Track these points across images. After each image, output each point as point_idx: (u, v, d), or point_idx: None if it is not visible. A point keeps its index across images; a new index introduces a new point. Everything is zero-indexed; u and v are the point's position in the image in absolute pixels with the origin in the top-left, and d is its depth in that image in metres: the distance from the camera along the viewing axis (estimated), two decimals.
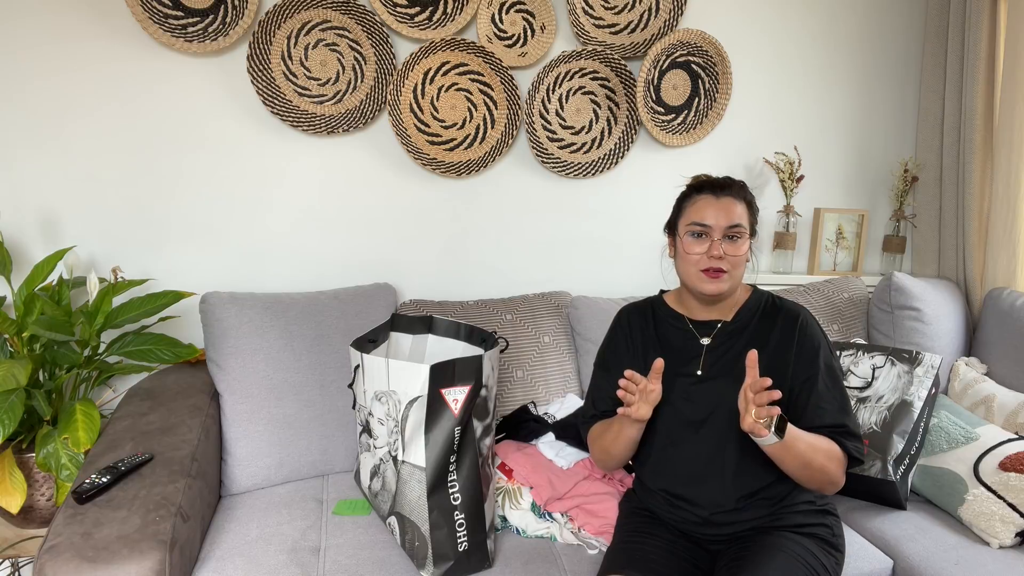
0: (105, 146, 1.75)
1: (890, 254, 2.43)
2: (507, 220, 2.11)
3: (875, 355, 1.76)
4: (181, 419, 1.50)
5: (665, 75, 2.10)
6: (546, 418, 1.73)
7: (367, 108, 1.89)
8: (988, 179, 2.13)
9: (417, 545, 1.30)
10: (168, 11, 1.68)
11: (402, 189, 2.00)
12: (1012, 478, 1.48)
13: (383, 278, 2.03)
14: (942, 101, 2.26)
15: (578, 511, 1.49)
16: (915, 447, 1.62)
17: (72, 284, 1.64)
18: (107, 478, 1.25)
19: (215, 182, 1.84)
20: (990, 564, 1.39)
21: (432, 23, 1.88)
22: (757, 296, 1.36)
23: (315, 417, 1.64)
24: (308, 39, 1.81)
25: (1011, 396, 1.77)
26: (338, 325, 1.72)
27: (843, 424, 1.24)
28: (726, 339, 1.32)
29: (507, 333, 1.87)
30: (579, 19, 1.99)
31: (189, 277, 1.86)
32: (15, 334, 1.55)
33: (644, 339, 1.39)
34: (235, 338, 1.61)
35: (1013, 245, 2.05)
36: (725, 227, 1.26)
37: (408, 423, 1.30)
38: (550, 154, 2.07)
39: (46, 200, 1.73)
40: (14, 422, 1.35)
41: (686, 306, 1.37)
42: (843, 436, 1.23)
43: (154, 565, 1.10)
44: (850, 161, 2.40)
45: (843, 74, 2.33)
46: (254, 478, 1.57)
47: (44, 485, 1.54)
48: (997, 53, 2.07)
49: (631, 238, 2.23)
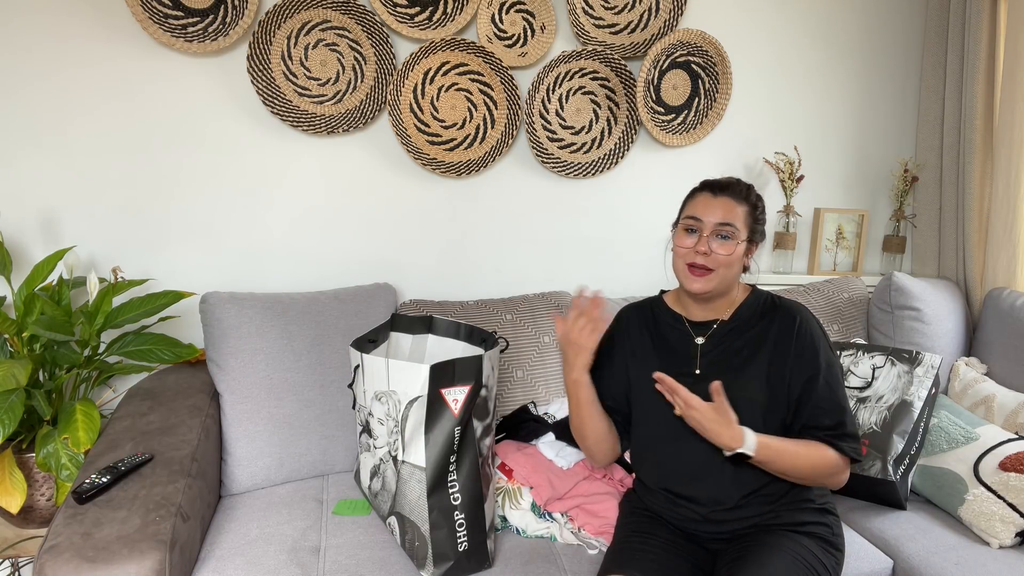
0: (105, 146, 1.75)
1: (890, 254, 2.43)
2: (507, 220, 2.11)
3: (875, 355, 1.76)
4: (181, 419, 1.50)
5: (665, 75, 2.10)
6: (546, 418, 1.73)
7: (367, 108, 1.89)
8: (988, 179, 2.13)
9: (417, 545, 1.30)
10: (168, 11, 1.68)
11: (402, 189, 2.00)
12: (1012, 478, 1.48)
13: (383, 278, 2.03)
14: (942, 101, 2.26)
15: (578, 511, 1.49)
16: (915, 447, 1.62)
17: (72, 284, 1.64)
18: (107, 478, 1.25)
19: (215, 182, 1.84)
20: (990, 564, 1.39)
21: (432, 23, 1.88)
22: (756, 296, 1.36)
23: (315, 417, 1.64)
24: (308, 39, 1.81)
25: (1011, 396, 1.77)
26: (338, 325, 1.72)
27: (840, 425, 1.24)
28: (723, 338, 1.32)
29: (507, 333, 1.87)
30: (579, 19, 1.99)
31: (189, 277, 1.86)
32: (15, 334, 1.55)
33: (643, 339, 1.39)
34: (235, 338, 1.61)
35: (1013, 245, 2.05)
36: (715, 223, 1.26)
37: (408, 423, 1.30)
38: (550, 154, 2.07)
39: (46, 200, 1.73)
40: (14, 422, 1.35)
41: (684, 306, 1.38)
42: (839, 438, 1.24)
43: (154, 565, 1.10)
44: (850, 161, 2.40)
45: (843, 74, 2.33)
46: (254, 478, 1.57)
47: (44, 485, 1.54)
48: (997, 53, 2.07)
49: (631, 238, 2.23)
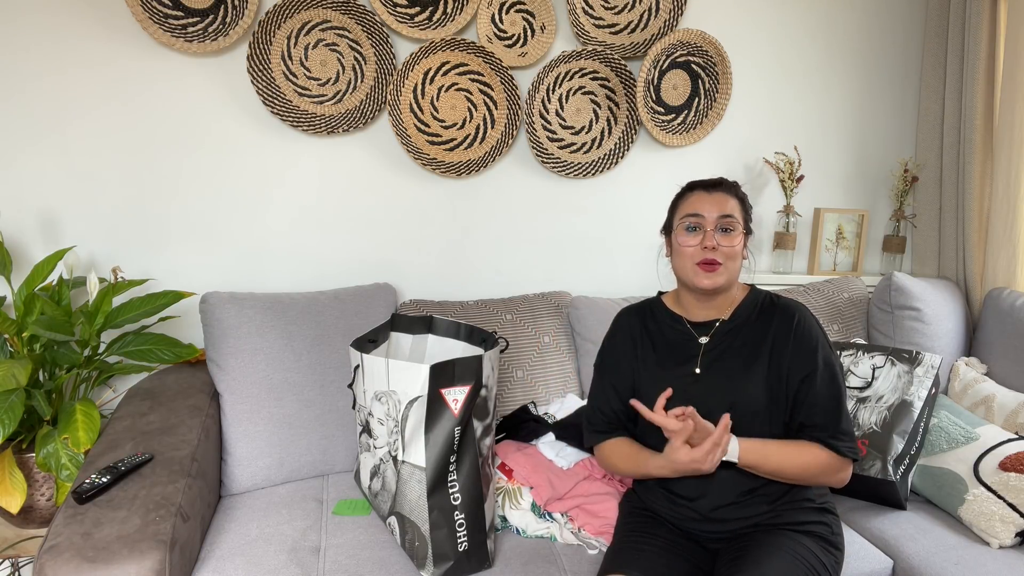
0: (105, 146, 1.75)
1: (890, 254, 2.42)
2: (507, 220, 2.11)
3: (875, 355, 1.76)
4: (181, 419, 1.50)
5: (665, 75, 2.10)
6: (546, 418, 1.73)
7: (367, 108, 1.89)
8: (988, 179, 2.13)
9: (417, 545, 1.30)
10: (168, 11, 1.68)
11: (402, 189, 2.00)
12: (1012, 478, 1.48)
13: (383, 278, 2.03)
14: (942, 101, 2.26)
15: (578, 511, 1.49)
16: (915, 447, 1.62)
17: (72, 284, 1.64)
18: (107, 478, 1.25)
19: (215, 182, 1.84)
20: (990, 564, 1.39)
21: (432, 23, 1.88)
22: (754, 295, 1.36)
23: (315, 417, 1.64)
24: (308, 39, 1.81)
25: (1011, 396, 1.77)
26: (338, 325, 1.72)
27: (835, 424, 1.25)
28: (724, 338, 1.33)
29: (507, 333, 1.87)
30: (579, 19, 1.99)
31: (189, 277, 1.86)
32: (15, 334, 1.55)
33: (643, 341, 1.39)
34: (235, 338, 1.61)
35: (1013, 245, 2.05)
36: (718, 217, 1.28)
37: (408, 423, 1.30)
38: (550, 154, 2.07)
39: (46, 200, 1.73)
40: (14, 422, 1.35)
41: (683, 306, 1.38)
42: (834, 437, 1.24)
43: (154, 565, 1.10)
44: (850, 161, 2.40)
45: (843, 74, 2.33)
46: (254, 478, 1.57)
47: (44, 485, 1.54)
48: (997, 53, 2.07)
49: (631, 238, 2.23)
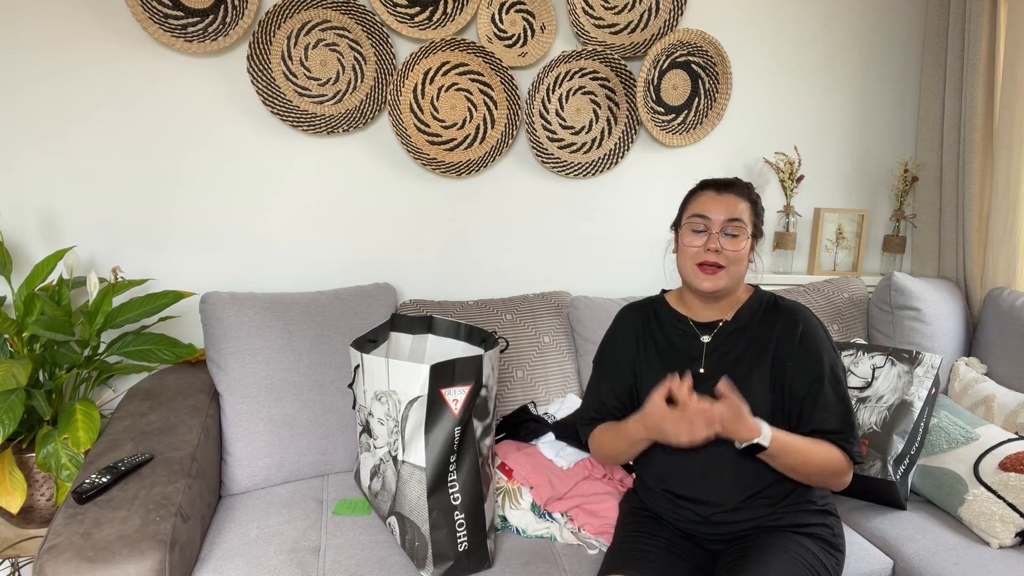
0: (105, 146, 1.75)
1: (890, 254, 2.42)
2: (507, 220, 2.11)
3: (875, 355, 1.76)
4: (181, 419, 1.50)
5: (665, 75, 2.10)
6: (546, 418, 1.73)
7: (367, 108, 1.89)
8: (988, 179, 2.13)
9: (417, 545, 1.30)
10: (168, 11, 1.68)
11: (402, 189, 2.00)
12: (1012, 478, 1.48)
13: (383, 278, 2.03)
14: (942, 101, 2.26)
15: (578, 511, 1.49)
16: (915, 447, 1.62)
17: (72, 284, 1.64)
18: (107, 478, 1.25)
19: (215, 182, 1.84)
20: (990, 564, 1.39)
21: (432, 23, 1.88)
22: (759, 296, 1.36)
23: (315, 417, 1.64)
24: (308, 39, 1.81)
25: (1011, 396, 1.77)
26: (338, 325, 1.72)
27: (848, 429, 1.24)
28: (727, 338, 1.32)
29: (507, 333, 1.87)
30: (579, 19, 1.99)
31: (189, 277, 1.86)
32: (15, 334, 1.55)
33: (645, 339, 1.39)
34: (235, 338, 1.61)
35: (1013, 245, 2.05)
36: (724, 220, 1.27)
37: (408, 423, 1.30)
38: (550, 154, 2.07)
39: (46, 200, 1.73)
40: (14, 422, 1.35)
41: (687, 305, 1.38)
42: (846, 441, 1.24)
43: (154, 565, 1.10)
44: (850, 161, 2.40)
45: (843, 74, 2.33)
46: (254, 478, 1.57)
47: (44, 485, 1.54)
48: (997, 53, 2.07)
49: (631, 238, 2.23)
